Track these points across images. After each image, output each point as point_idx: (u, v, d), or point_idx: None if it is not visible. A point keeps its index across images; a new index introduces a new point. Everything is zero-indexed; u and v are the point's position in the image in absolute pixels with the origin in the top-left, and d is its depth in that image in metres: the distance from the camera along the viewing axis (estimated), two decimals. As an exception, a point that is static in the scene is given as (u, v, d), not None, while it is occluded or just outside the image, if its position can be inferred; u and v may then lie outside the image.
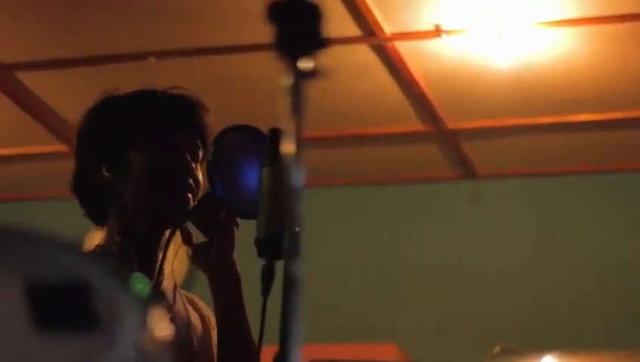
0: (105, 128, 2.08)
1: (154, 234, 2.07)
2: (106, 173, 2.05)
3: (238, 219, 2.07)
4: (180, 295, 2.17)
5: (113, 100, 2.11)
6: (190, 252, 2.10)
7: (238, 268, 2.09)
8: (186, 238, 2.10)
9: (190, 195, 2.05)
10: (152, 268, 2.05)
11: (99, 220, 2.10)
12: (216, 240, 2.06)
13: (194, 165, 2.07)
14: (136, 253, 2.04)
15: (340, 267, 5.44)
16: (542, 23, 4.01)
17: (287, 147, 1.22)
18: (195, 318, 2.15)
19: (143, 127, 2.06)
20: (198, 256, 2.08)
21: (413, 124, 4.87)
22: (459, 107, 4.71)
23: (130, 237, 2.05)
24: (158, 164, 2.05)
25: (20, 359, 0.98)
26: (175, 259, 2.14)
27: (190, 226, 2.10)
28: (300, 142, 1.23)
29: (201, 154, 2.09)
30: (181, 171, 2.04)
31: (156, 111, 2.08)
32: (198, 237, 2.11)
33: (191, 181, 2.05)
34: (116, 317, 1.07)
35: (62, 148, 5.02)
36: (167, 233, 2.07)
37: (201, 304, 2.21)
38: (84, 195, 2.10)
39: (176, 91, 2.12)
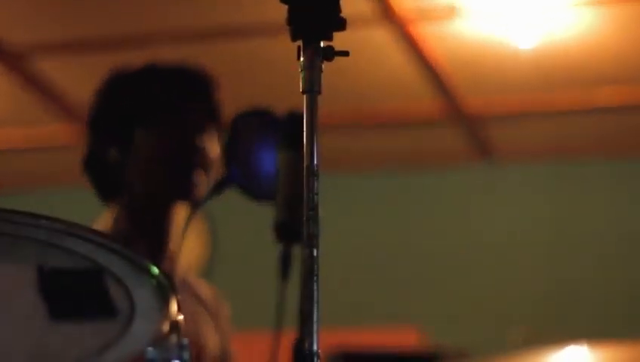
0: (112, 107, 2.06)
1: (162, 216, 2.03)
2: (115, 153, 2.03)
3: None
4: (187, 283, 2.12)
5: (120, 78, 2.08)
6: None
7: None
8: None
9: (199, 174, 2.02)
10: (159, 253, 2.01)
11: (107, 200, 2.07)
12: None
13: (203, 142, 2.03)
14: (144, 236, 2.01)
15: (359, 251, 5.43)
16: (563, 2, 3.96)
17: (305, 131, 1.20)
18: (201, 307, 2.10)
19: (149, 105, 2.03)
20: None
21: (431, 105, 4.85)
22: (478, 88, 4.68)
23: (137, 221, 2.02)
24: (165, 142, 2.01)
25: (35, 346, 0.97)
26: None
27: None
28: (317, 127, 1.21)
29: (211, 129, 2.05)
30: (189, 150, 2.01)
31: (162, 87, 2.04)
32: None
33: (200, 159, 2.01)
34: (131, 304, 1.06)
35: (77, 132, 5.02)
36: (173, 212, 2.03)
37: (208, 290, 2.16)
38: (95, 175, 2.07)
39: (183, 66, 2.08)
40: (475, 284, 5.25)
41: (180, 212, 2.06)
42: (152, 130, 2.02)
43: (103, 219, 2.07)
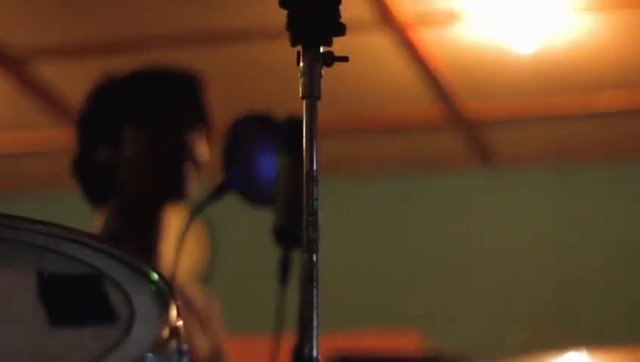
0: (103, 109, 2.07)
1: (152, 216, 2.03)
2: (104, 152, 2.03)
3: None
4: (178, 288, 2.12)
5: (110, 81, 2.10)
6: None
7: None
8: None
9: (189, 167, 2.02)
10: (150, 254, 2.01)
11: (97, 203, 2.07)
12: None
13: (193, 140, 2.04)
14: (134, 236, 2.01)
15: (359, 255, 5.42)
16: (563, 8, 3.96)
17: (304, 136, 1.20)
18: (190, 313, 2.09)
19: (138, 104, 2.04)
20: None
21: (431, 110, 4.84)
22: (478, 93, 4.68)
23: (127, 221, 2.02)
24: (154, 140, 2.02)
25: (34, 351, 0.97)
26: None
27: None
28: (316, 132, 1.21)
29: (200, 129, 2.06)
30: (178, 147, 2.02)
31: (152, 88, 2.06)
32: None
33: (190, 160, 2.02)
34: (131, 309, 1.06)
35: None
36: (164, 213, 2.03)
37: (198, 292, 2.15)
38: (84, 177, 2.08)
39: (172, 67, 2.10)
40: (476, 289, 5.25)
41: (178, 216, 2.06)
42: (142, 129, 2.03)
43: (97, 223, 2.07)
